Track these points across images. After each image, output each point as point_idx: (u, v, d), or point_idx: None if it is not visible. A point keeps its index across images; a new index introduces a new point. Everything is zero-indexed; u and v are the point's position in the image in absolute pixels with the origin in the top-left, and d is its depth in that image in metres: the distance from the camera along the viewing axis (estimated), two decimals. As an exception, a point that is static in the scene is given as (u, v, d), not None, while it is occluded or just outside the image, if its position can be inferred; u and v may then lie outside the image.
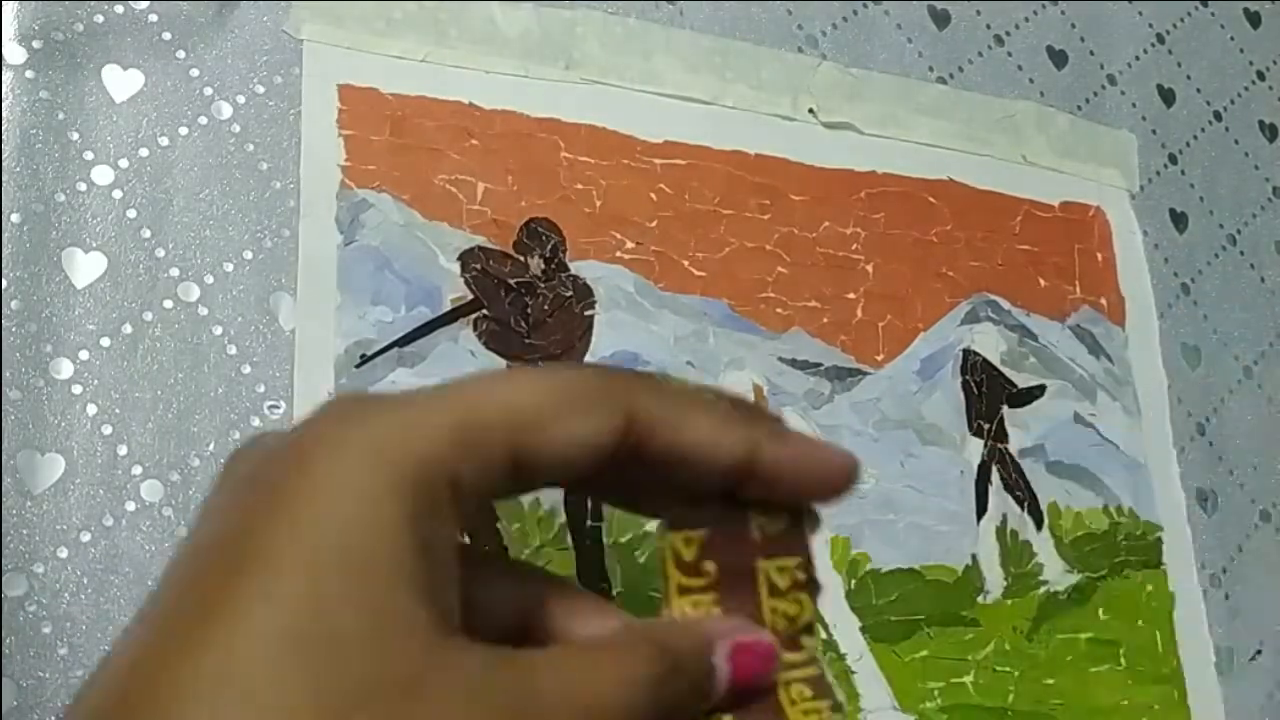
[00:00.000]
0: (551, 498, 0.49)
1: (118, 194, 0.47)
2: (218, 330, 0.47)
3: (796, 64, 0.61)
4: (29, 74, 0.47)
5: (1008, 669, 0.55)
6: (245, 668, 0.21)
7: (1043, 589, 0.57)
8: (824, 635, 0.52)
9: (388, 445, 0.23)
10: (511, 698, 0.23)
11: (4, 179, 0.45)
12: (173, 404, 0.45)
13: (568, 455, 0.25)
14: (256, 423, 0.46)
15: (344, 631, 0.21)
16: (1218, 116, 0.73)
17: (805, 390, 0.56)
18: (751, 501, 0.28)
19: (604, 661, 0.25)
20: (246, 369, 0.47)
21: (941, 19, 0.66)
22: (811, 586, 0.29)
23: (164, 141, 0.48)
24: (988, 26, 0.68)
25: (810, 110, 0.56)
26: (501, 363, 0.50)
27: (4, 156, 0.46)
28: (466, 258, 0.51)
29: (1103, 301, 0.65)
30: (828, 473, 0.28)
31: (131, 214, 0.47)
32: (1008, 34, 0.68)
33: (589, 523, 0.50)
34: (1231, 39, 0.76)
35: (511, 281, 0.52)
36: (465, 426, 0.24)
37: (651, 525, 0.51)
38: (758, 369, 0.55)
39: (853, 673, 0.52)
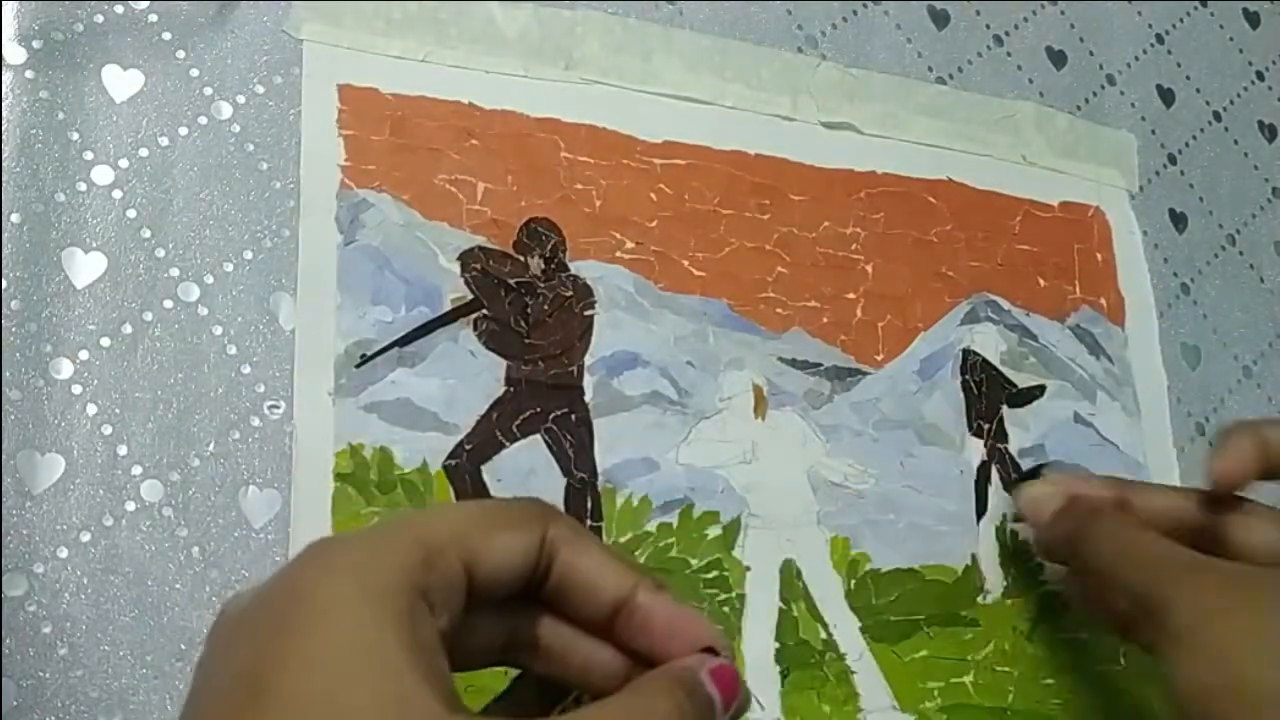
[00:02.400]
0: (552, 498, 0.49)
1: (118, 194, 0.47)
2: (218, 330, 0.47)
3: (796, 64, 0.61)
4: (29, 74, 0.47)
5: (1008, 669, 0.55)
6: None
7: (1042, 589, 0.57)
8: (824, 635, 0.52)
9: (367, 567, 0.27)
10: None
11: (4, 179, 0.45)
12: (173, 404, 0.45)
13: (502, 563, 0.30)
14: (256, 422, 0.46)
15: (365, 716, 0.24)
16: (1217, 117, 0.73)
17: (805, 390, 0.56)
18: None
19: (632, 708, 0.29)
20: (246, 369, 0.47)
21: (941, 19, 0.66)
22: None
23: (164, 141, 0.48)
24: (987, 26, 0.68)
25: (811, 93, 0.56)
26: (502, 363, 0.50)
27: (4, 156, 0.46)
28: (466, 258, 0.51)
29: (1102, 301, 0.65)
30: (695, 636, 0.32)
31: (131, 214, 0.47)
32: (1007, 34, 0.68)
33: (589, 523, 0.50)
34: (1231, 39, 0.76)
35: (511, 281, 0.52)
36: (424, 543, 0.28)
37: (651, 525, 0.51)
38: (757, 369, 0.55)
39: (853, 673, 0.52)
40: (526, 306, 0.52)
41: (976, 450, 0.59)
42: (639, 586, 0.32)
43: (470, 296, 0.51)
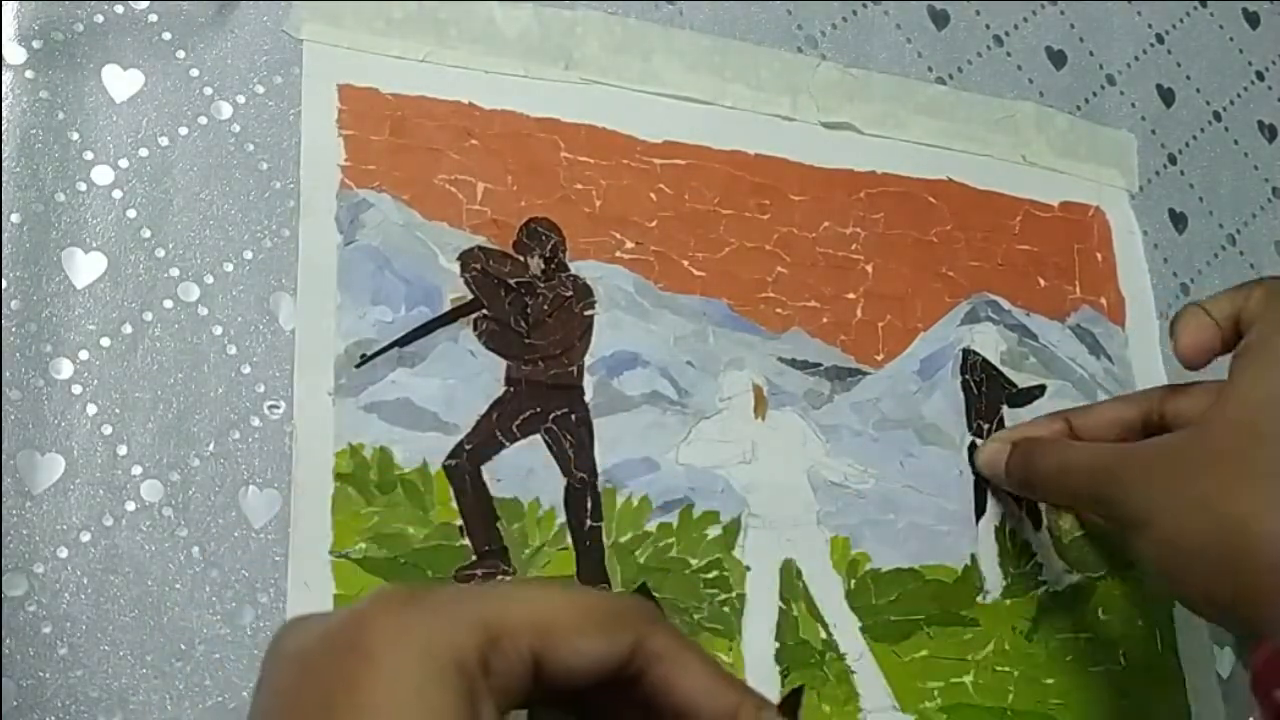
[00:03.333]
0: (552, 498, 0.49)
1: (118, 194, 0.47)
2: (218, 330, 0.47)
3: (796, 64, 0.61)
4: (29, 74, 0.47)
5: (1008, 669, 0.55)
6: None
7: (1042, 589, 0.57)
8: (824, 635, 0.52)
9: (433, 639, 0.27)
10: None
11: (4, 179, 0.45)
12: (173, 404, 0.45)
13: (580, 666, 0.28)
14: (256, 423, 0.46)
15: None
16: (1217, 116, 0.73)
17: (805, 390, 0.56)
18: None
19: None
20: (246, 369, 0.47)
21: (941, 19, 0.66)
22: None
23: (164, 141, 0.48)
24: (987, 27, 0.68)
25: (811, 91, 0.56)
26: (502, 363, 0.50)
27: (4, 156, 0.46)
28: (466, 258, 0.51)
29: (1103, 301, 0.65)
30: None
31: (131, 214, 0.47)
32: (1007, 34, 0.68)
33: (589, 523, 0.50)
34: (1231, 39, 0.76)
35: (511, 281, 0.52)
36: (493, 626, 0.28)
37: (651, 525, 0.51)
38: (757, 369, 0.55)
39: (853, 673, 0.52)
40: (526, 306, 0.52)
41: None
42: (740, 709, 0.31)
43: (470, 296, 0.51)
